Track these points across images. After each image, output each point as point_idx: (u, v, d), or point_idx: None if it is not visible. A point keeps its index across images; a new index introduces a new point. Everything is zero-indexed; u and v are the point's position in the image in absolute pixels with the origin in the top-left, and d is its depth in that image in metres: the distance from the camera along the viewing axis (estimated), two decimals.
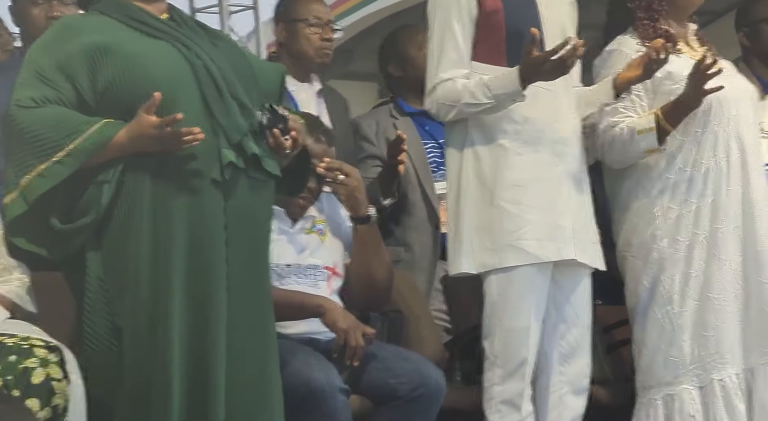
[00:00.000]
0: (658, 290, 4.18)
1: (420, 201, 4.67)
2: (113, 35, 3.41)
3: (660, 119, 4.11)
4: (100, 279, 3.36)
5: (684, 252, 4.16)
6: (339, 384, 3.77)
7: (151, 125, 3.30)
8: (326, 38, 4.65)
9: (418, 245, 4.65)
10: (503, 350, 3.89)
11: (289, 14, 4.69)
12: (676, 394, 4.14)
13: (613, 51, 4.24)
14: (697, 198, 4.18)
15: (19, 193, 3.35)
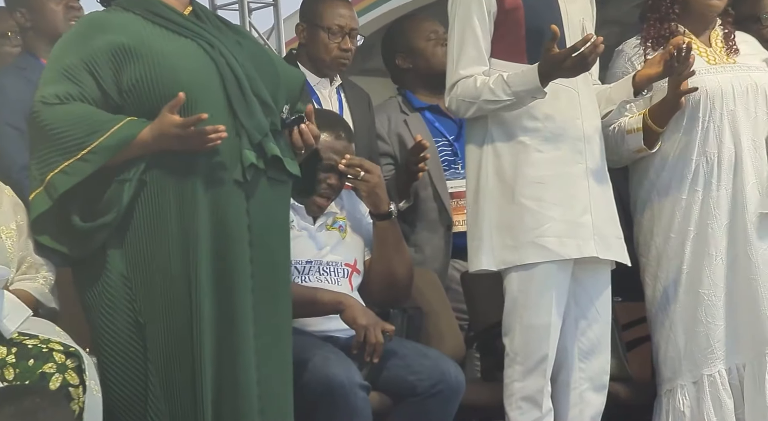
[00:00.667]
0: (657, 287, 4.22)
1: (431, 200, 4.66)
2: (138, 33, 3.42)
3: (647, 119, 4.13)
4: (123, 276, 3.37)
5: (676, 248, 4.18)
6: (359, 380, 3.78)
7: (174, 124, 3.31)
8: (345, 49, 4.58)
9: (429, 246, 4.64)
10: (523, 347, 3.89)
11: (312, 17, 4.62)
12: (673, 389, 4.17)
13: (618, 51, 4.29)
14: (687, 195, 4.19)
15: (43, 189, 3.37)
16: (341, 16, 4.59)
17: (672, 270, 4.18)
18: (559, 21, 3.93)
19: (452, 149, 4.73)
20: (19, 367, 3.32)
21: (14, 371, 3.33)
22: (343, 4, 4.64)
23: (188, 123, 3.30)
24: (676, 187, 4.19)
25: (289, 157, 3.47)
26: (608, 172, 4.06)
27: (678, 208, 4.19)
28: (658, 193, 4.21)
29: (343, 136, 4.14)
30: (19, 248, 3.54)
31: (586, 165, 3.96)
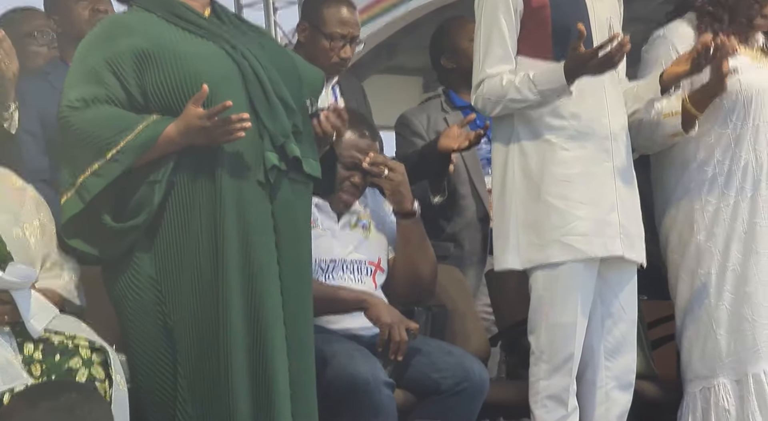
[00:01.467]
0: (695, 284, 4.18)
1: (470, 196, 4.67)
2: (160, 37, 3.43)
3: (686, 103, 4.09)
4: (152, 278, 3.39)
5: (721, 246, 4.16)
6: (384, 378, 3.79)
7: (198, 116, 3.32)
8: (343, 57, 4.54)
9: (468, 240, 4.65)
10: (549, 345, 3.89)
11: (314, 20, 4.57)
12: (712, 387, 4.15)
13: (657, 37, 4.23)
14: (735, 192, 4.17)
15: (74, 192, 3.39)
16: (344, 23, 4.55)
17: (715, 267, 4.16)
18: (586, 19, 3.92)
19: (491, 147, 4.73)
20: (45, 363, 3.34)
21: (41, 367, 3.35)
22: (347, 9, 4.59)
23: (213, 113, 3.31)
24: (723, 183, 4.17)
25: (311, 158, 3.47)
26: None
27: (725, 205, 4.17)
28: (701, 189, 4.18)
29: (367, 134, 4.14)
30: (43, 245, 3.56)
31: (613, 163, 3.95)
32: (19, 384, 3.28)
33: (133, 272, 3.39)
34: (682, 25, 4.24)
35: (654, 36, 4.26)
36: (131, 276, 3.40)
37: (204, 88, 3.31)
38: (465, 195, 4.66)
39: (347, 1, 4.65)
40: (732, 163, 4.18)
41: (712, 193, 4.18)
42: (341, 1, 4.62)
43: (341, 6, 4.58)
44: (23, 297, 3.38)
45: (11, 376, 3.28)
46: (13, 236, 3.50)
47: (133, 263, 3.39)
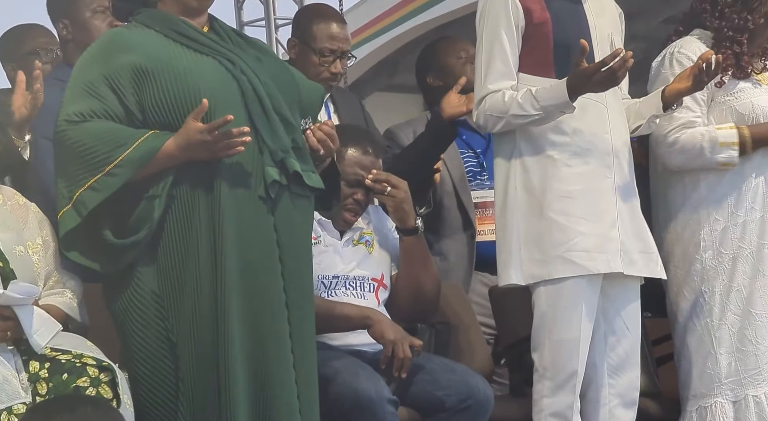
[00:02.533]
0: (698, 302, 4.17)
1: (455, 210, 4.67)
2: (159, 53, 3.43)
3: (746, 138, 4.10)
4: (155, 294, 3.38)
5: (727, 265, 4.15)
6: (387, 395, 3.78)
7: (198, 130, 3.32)
8: (334, 72, 4.53)
9: (453, 253, 4.65)
10: (553, 363, 3.88)
11: (304, 36, 4.55)
12: (708, 407, 4.13)
13: (673, 53, 4.23)
14: (744, 212, 4.16)
15: (71, 206, 3.38)
16: (334, 38, 4.53)
17: (719, 286, 4.16)
18: (588, 36, 3.93)
19: (478, 161, 4.74)
20: (52, 381, 3.34)
21: (47, 386, 3.34)
22: (337, 25, 4.57)
23: (214, 127, 3.31)
24: (733, 203, 4.17)
25: (310, 171, 3.47)
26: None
27: (733, 225, 4.16)
28: (708, 207, 4.17)
29: (370, 151, 4.14)
30: (45, 263, 3.56)
31: (615, 180, 3.96)
32: (17, 403, 3.27)
33: (135, 287, 3.39)
34: (695, 42, 4.24)
35: (669, 53, 4.25)
36: (133, 291, 3.39)
37: (204, 102, 3.32)
38: (450, 207, 4.67)
39: (337, 17, 4.65)
40: (742, 183, 4.18)
41: (721, 212, 4.18)
42: (331, 16, 4.61)
43: (331, 22, 4.57)
44: (26, 313, 3.38)
45: (9, 395, 3.28)
46: (16, 254, 3.50)
47: (135, 278, 3.39)
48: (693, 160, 4.16)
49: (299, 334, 3.41)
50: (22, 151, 3.59)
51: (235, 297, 3.34)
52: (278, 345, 3.36)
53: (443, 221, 4.66)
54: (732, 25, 4.18)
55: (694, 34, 4.27)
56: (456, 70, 4.68)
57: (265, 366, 3.35)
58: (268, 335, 3.36)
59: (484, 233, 4.65)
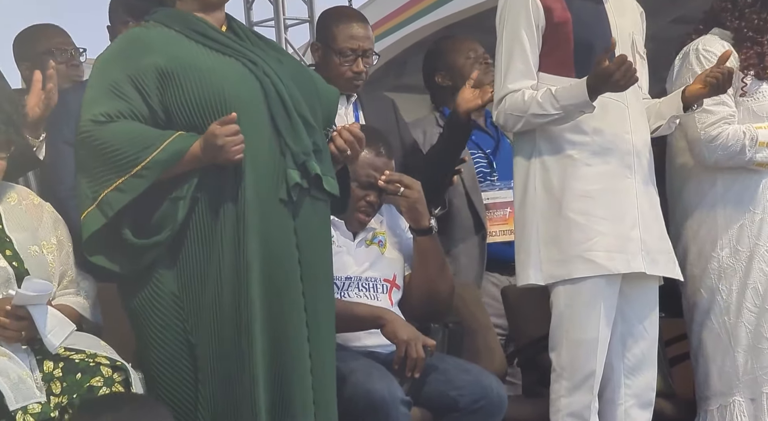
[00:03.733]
0: (716, 300, 4.17)
1: (466, 210, 4.67)
2: (180, 53, 3.41)
3: None
4: (174, 295, 3.37)
5: (744, 263, 4.15)
6: (400, 395, 3.77)
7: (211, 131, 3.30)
8: (357, 72, 4.53)
9: (464, 255, 4.65)
10: (570, 362, 3.88)
11: (326, 39, 4.57)
12: (728, 405, 4.13)
13: (695, 51, 4.22)
14: (762, 210, 4.16)
15: (95, 207, 3.36)
16: (354, 38, 4.53)
17: (735, 284, 4.15)
18: (609, 35, 3.92)
19: (488, 161, 4.75)
20: (66, 381, 3.33)
21: (61, 385, 3.34)
22: (358, 24, 4.57)
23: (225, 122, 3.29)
24: (748, 201, 4.17)
25: (329, 176, 3.47)
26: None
27: (750, 222, 4.16)
28: (725, 205, 4.17)
29: (383, 152, 4.13)
30: (60, 263, 3.56)
31: (635, 179, 3.95)
32: (32, 402, 3.27)
33: (154, 287, 3.38)
34: (717, 40, 4.23)
35: (689, 47, 4.24)
36: (152, 292, 3.38)
37: (233, 115, 3.29)
38: (461, 208, 4.67)
39: (358, 17, 4.65)
40: (759, 180, 4.17)
41: (738, 210, 4.17)
42: (351, 17, 4.62)
43: (351, 22, 4.58)
44: (40, 312, 3.37)
45: (24, 394, 3.28)
46: (30, 254, 3.50)
47: (155, 279, 3.38)
48: (732, 157, 4.15)
49: (317, 338, 3.40)
50: (37, 151, 3.59)
51: (257, 300, 3.33)
52: (296, 349, 3.36)
53: (454, 222, 4.66)
54: (752, 25, 4.17)
55: (714, 33, 4.26)
56: (465, 69, 4.67)
57: (284, 370, 3.34)
58: (286, 339, 3.36)
59: (495, 234, 4.65)
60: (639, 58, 4.03)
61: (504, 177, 4.64)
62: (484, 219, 4.65)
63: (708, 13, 4.31)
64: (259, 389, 3.31)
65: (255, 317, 3.32)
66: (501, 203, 4.65)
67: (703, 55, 4.19)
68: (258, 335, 3.32)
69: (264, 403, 3.31)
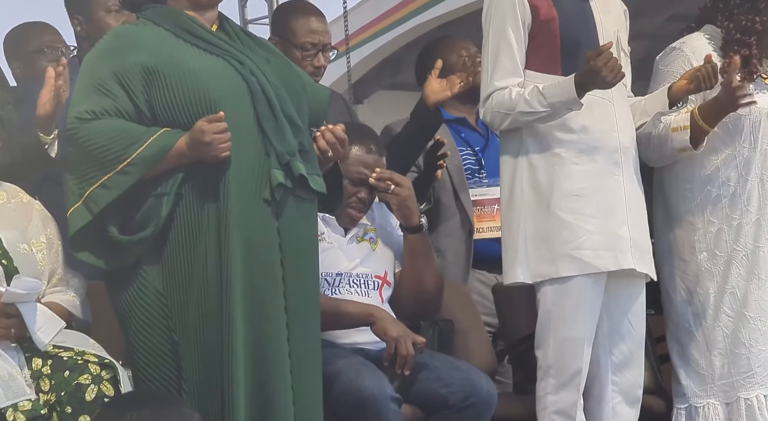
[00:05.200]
0: (693, 302, 4.17)
1: (454, 207, 4.66)
2: (168, 52, 3.41)
3: (696, 117, 4.06)
4: (159, 293, 3.38)
5: (721, 267, 4.14)
6: (390, 393, 3.77)
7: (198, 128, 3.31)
8: (318, 66, 4.49)
9: (451, 251, 4.64)
10: (557, 360, 3.88)
11: (284, 32, 4.52)
12: (701, 407, 4.13)
13: (675, 49, 4.22)
14: (739, 214, 4.15)
15: (81, 204, 3.37)
16: (314, 32, 4.50)
17: (713, 288, 4.14)
18: (594, 32, 3.93)
19: (476, 159, 4.75)
20: (54, 378, 3.34)
21: (50, 383, 3.35)
22: (316, 18, 4.55)
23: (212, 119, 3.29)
24: (728, 205, 4.15)
25: (316, 175, 3.47)
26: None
27: (728, 226, 4.14)
28: (704, 208, 4.16)
29: (373, 149, 4.14)
30: (49, 261, 3.56)
31: (623, 177, 3.95)
32: (23, 399, 3.28)
33: (139, 285, 3.39)
34: (699, 39, 4.22)
35: (670, 47, 4.23)
36: (137, 289, 3.39)
37: (221, 114, 3.30)
38: (448, 205, 4.66)
39: (315, 11, 4.61)
40: (737, 185, 4.15)
41: (715, 214, 4.16)
42: (309, 11, 4.58)
43: (309, 16, 4.55)
44: (29, 310, 3.38)
45: (14, 391, 3.29)
46: (20, 252, 3.51)
47: (140, 276, 3.39)
48: (659, 153, 4.10)
49: (297, 338, 3.40)
50: (49, 148, 3.59)
51: (239, 300, 3.34)
52: (276, 349, 3.36)
53: (441, 218, 4.66)
54: (739, 26, 4.16)
55: (705, 31, 4.25)
56: (456, 68, 4.68)
57: (264, 369, 3.35)
58: (267, 339, 3.36)
59: (482, 231, 4.66)
60: (623, 56, 4.04)
61: (493, 174, 4.63)
62: (472, 216, 4.66)
63: (702, 10, 4.30)
64: (239, 390, 3.31)
65: (235, 317, 3.33)
66: (489, 200, 4.65)
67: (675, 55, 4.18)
68: (239, 335, 3.32)
69: (243, 403, 3.32)
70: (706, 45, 4.17)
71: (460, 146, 4.74)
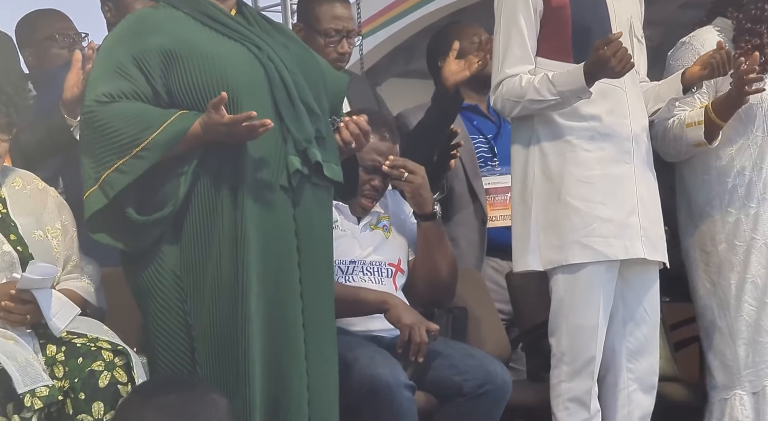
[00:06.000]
0: (716, 294, 4.17)
1: (467, 195, 4.66)
2: (186, 36, 3.41)
3: (709, 112, 4.08)
4: (176, 275, 3.38)
5: (741, 256, 4.15)
6: (404, 380, 3.77)
7: (222, 123, 3.31)
8: (342, 52, 4.50)
9: (465, 240, 4.64)
10: (570, 348, 3.88)
11: (308, 19, 4.54)
12: (729, 399, 4.13)
13: (684, 43, 4.23)
14: (756, 203, 4.16)
15: (98, 187, 3.37)
16: (338, 18, 4.50)
17: (734, 278, 4.15)
18: (607, 20, 3.92)
19: (489, 147, 4.75)
20: (68, 365, 3.35)
21: (63, 369, 3.35)
22: (341, 5, 4.55)
23: (237, 122, 3.30)
24: (744, 195, 4.16)
25: (333, 163, 3.47)
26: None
27: (745, 215, 4.15)
28: (721, 199, 4.17)
29: (387, 137, 4.13)
30: (64, 248, 3.57)
31: (634, 164, 3.94)
32: (40, 385, 3.28)
33: (157, 266, 3.38)
34: (708, 32, 4.23)
35: (680, 42, 4.25)
36: (155, 271, 3.39)
37: (223, 95, 3.29)
38: (461, 194, 4.66)
39: None
40: (753, 173, 4.16)
41: (733, 204, 4.17)
42: None
43: (334, 2, 4.54)
44: (45, 296, 3.39)
45: (32, 377, 3.29)
46: (35, 238, 3.51)
47: (158, 257, 3.38)
48: (675, 149, 4.14)
49: (313, 325, 3.40)
50: (75, 131, 3.60)
51: (254, 285, 3.33)
52: (291, 337, 3.36)
53: (454, 207, 4.66)
54: (750, 16, 4.16)
55: (716, 24, 4.25)
56: (468, 54, 4.67)
57: (279, 354, 3.35)
58: (282, 327, 3.36)
59: (495, 219, 4.66)
60: (637, 43, 4.03)
61: (505, 162, 4.63)
62: (485, 204, 4.65)
63: (713, 3, 4.30)
64: (254, 376, 3.31)
65: (251, 303, 3.33)
66: (502, 188, 4.64)
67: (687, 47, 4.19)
68: (253, 322, 3.32)
69: (258, 388, 3.32)
70: (716, 37, 4.16)
71: (472, 134, 4.74)
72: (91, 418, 3.30)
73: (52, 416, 3.34)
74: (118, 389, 3.31)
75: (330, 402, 3.45)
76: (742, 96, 4.03)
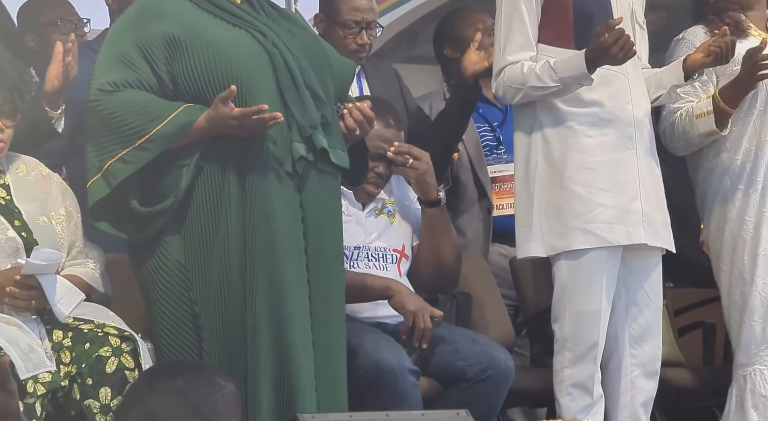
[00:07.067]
0: (732, 272, 4.18)
1: (472, 185, 4.67)
2: (191, 23, 3.41)
3: (718, 101, 4.10)
4: (180, 264, 3.39)
5: (752, 231, 4.16)
6: (409, 365, 3.79)
7: (231, 116, 3.31)
8: (361, 44, 4.50)
9: (470, 229, 4.65)
10: (573, 333, 3.89)
11: (329, 10, 4.55)
12: (748, 375, 4.14)
13: (680, 40, 4.26)
14: (763, 177, 4.17)
15: (101, 176, 3.38)
16: (358, 10, 4.51)
17: (748, 254, 4.17)
18: (608, 5, 3.92)
19: (494, 135, 4.74)
20: (75, 350, 3.36)
21: (71, 355, 3.36)
22: None
23: (247, 115, 3.30)
24: (752, 170, 4.18)
25: (339, 149, 3.47)
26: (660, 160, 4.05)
27: (753, 191, 4.18)
28: (731, 178, 4.19)
29: (392, 123, 4.13)
30: (68, 234, 3.58)
31: (636, 150, 3.95)
32: (43, 371, 3.29)
33: (161, 256, 3.39)
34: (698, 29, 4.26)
35: (674, 40, 4.28)
36: (159, 261, 3.40)
37: (232, 88, 3.29)
38: (467, 183, 4.66)
39: None
40: (758, 148, 4.19)
41: (741, 181, 4.19)
42: None
43: None
44: (50, 282, 3.39)
45: (35, 363, 3.30)
46: (39, 224, 3.52)
47: (162, 247, 3.39)
48: (686, 141, 4.18)
49: (320, 311, 3.41)
50: (56, 123, 3.59)
51: (261, 272, 3.34)
52: (298, 323, 3.36)
53: (460, 196, 4.67)
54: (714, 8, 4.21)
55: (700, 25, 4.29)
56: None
57: (286, 342, 3.36)
58: (290, 312, 3.36)
59: (502, 207, 4.66)
60: (638, 29, 4.04)
61: (511, 150, 4.62)
62: (490, 194, 4.66)
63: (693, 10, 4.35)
64: (261, 364, 3.32)
65: (259, 291, 3.33)
66: (508, 176, 4.65)
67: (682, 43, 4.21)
68: (261, 309, 3.33)
69: (266, 375, 3.33)
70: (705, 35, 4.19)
71: (477, 123, 4.74)
72: (98, 403, 3.31)
73: (58, 401, 3.35)
74: (125, 374, 3.32)
75: (338, 390, 3.45)
76: (753, 81, 4.04)
